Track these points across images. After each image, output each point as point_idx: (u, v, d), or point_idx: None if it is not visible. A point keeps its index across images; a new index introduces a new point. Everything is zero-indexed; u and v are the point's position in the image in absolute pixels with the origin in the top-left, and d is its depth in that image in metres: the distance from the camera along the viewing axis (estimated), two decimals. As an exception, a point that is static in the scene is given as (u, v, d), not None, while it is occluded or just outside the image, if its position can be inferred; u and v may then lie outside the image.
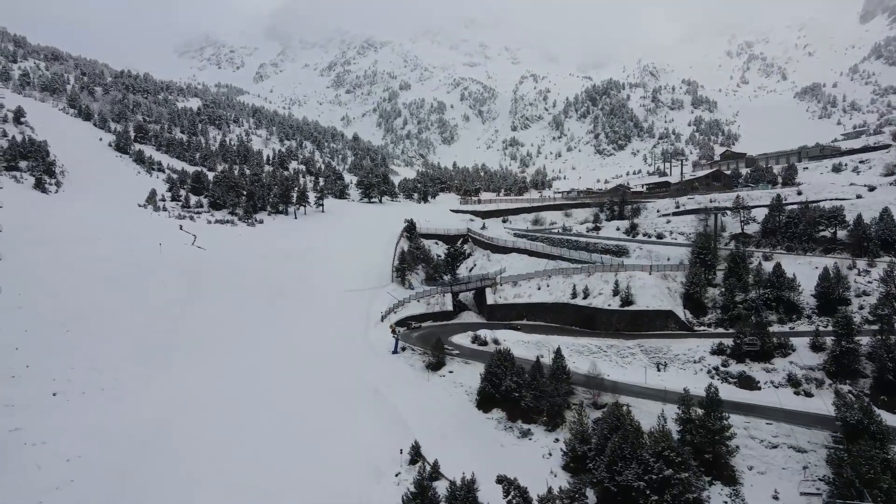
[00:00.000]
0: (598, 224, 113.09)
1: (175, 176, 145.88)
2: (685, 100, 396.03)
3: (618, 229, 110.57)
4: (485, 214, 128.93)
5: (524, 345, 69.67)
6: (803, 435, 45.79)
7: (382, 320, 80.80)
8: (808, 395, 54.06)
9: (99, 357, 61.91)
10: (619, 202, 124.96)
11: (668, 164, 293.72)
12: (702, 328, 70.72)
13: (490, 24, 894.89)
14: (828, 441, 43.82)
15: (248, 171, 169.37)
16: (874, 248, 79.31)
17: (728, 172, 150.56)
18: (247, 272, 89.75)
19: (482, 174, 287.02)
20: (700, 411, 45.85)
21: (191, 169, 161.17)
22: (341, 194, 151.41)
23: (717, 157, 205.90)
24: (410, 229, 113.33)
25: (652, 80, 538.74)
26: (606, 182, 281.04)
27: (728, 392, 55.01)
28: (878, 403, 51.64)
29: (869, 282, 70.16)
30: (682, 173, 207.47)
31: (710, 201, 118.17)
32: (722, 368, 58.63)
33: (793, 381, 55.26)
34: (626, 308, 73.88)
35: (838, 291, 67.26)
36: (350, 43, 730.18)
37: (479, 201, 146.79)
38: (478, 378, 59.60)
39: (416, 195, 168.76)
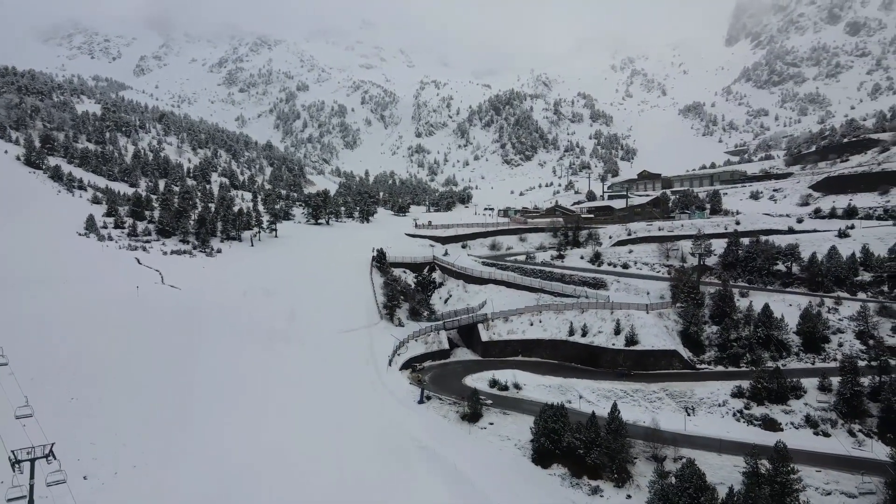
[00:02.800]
0: (562, 252, 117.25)
1: (100, 195, 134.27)
2: (584, 113, 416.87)
3: (582, 258, 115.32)
4: (444, 240, 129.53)
5: (546, 389, 71.58)
6: (849, 481, 51.01)
7: (391, 364, 79.67)
8: (826, 434, 60.14)
9: (118, 427, 56.62)
10: (573, 228, 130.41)
11: (575, 178, 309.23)
12: (703, 366, 76.22)
13: (385, 26, 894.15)
14: (876, 487, 49.16)
15: (175, 188, 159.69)
16: (828, 284, 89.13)
17: (670, 195, 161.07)
18: (232, 313, 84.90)
19: (397, 183, 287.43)
20: (767, 464, 49.69)
21: (113, 186, 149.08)
22: (286, 215, 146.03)
23: (634, 177, 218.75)
24: (381, 259, 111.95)
25: (546, 90, 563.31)
26: (522, 194, 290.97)
27: (756, 435, 60.22)
28: (886, 441, 58.62)
29: (840, 319, 78.84)
30: (589, 186, 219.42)
31: (659, 229, 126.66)
32: (746, 411, 63.67)
33: (811, 423, 61.21)
34: (631, 348, 77.84)
35: (820, 331, 75.09)
36: (242, 39, 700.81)
37: (430, 223, 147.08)
38: (525, 431, 60.71)
39: (356, 214, 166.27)
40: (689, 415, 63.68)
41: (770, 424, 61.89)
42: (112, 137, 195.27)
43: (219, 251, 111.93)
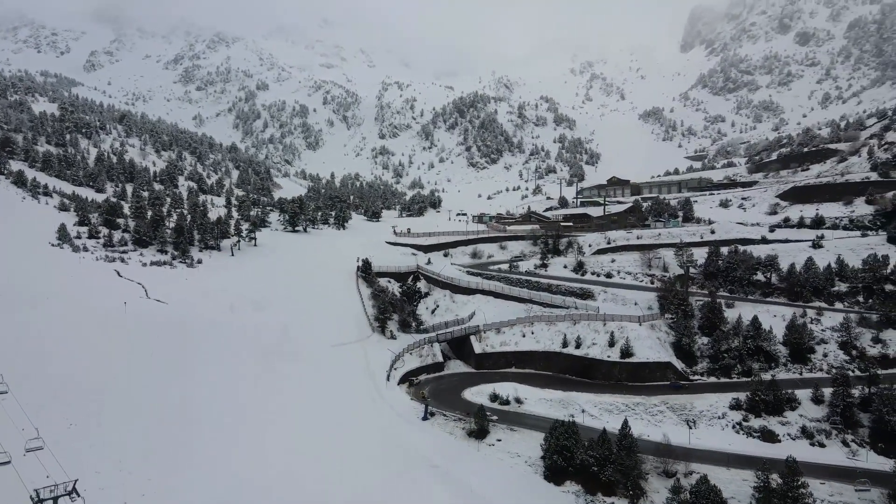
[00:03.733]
0: (545, 261, 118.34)
1: (68, 202, 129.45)
2: (548, 117, 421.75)
3: (565, 267, 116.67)
4: (427, 248, 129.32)
5: (547, 403, 72.36)
6: (852, 493, 53.07)
7: (389, 379, 79.15)
8: (822, 445, 62.53)
9: (121, 454, 54.82)
10: (553, 236, 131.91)
11: (542, 182, 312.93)
12: (696, 377, 78.22)
13: (345, 25, 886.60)
14: (879, 499, 51.32)
15: (144, 193, 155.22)
16: (807, 294, 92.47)
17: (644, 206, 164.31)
18: (223, 328, 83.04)
19: (364, 186, 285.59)
20: (777, 479, 51.30)
21: (79, 191, 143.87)
22: (262, 223, 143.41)
23: (602, 182, 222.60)
24: (366, 269, 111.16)
25: (507, 93, 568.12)
26: (490, 197, 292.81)
27: (756, 447, 62.28)
28: (878, 450, 61.35)
29: (823, 330, 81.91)
30: (560, 192, 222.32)
31: (638, 238, 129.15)
32: (744, 423, 65.63)
33: (807, 434, 63.53)
34: (627, 360, 79.26)
35: (807, 342, 77.93)
36: (198, 36, 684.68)
37: (409, 230, 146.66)
38: (534, 447, 61.28)
39: (331, 220, 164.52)
40: (691, 428, 65.22)
41: (768, 436, 63.96)
42: (73, 139, 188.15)
43: (199, 262, 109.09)
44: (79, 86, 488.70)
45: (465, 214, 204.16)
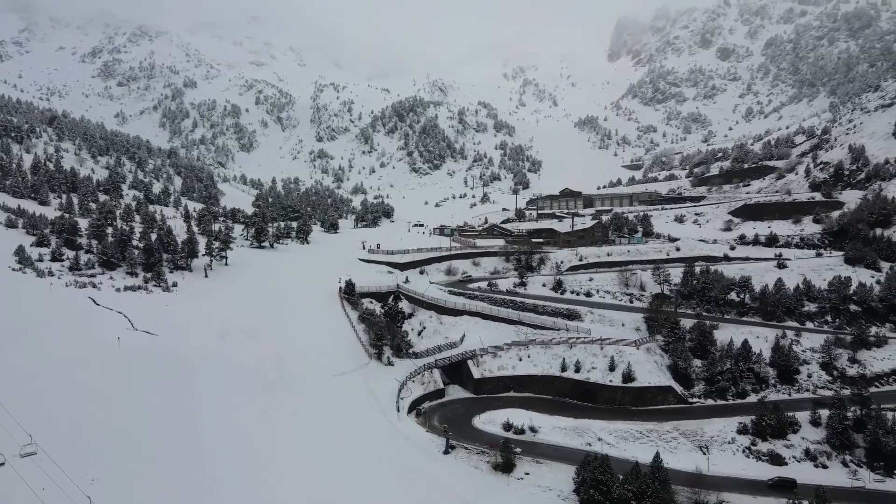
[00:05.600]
0: (524, 280, 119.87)
1: (14, 217, 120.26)
2: (488, 123, 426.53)
3: (544, 285, 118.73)
4: (403, 266, 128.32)
5: (562, 431, 73.71)
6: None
7: (399, 410, 78.30)
8: (825, 466, 67.01)
9: (147, 511, 51.97)
10: (526, 252, 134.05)
11: (489, 189, 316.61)
12: (695, 400, 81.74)
13: (273, 22, 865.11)
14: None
15: (92, 205, 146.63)
16: (780, 314, 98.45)
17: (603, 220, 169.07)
18: (220, 360, 79.46)
19: (311, 193, 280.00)
20: (805, 506, 54.61)
21: (23, 205, 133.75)
22: (227, 239, 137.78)
23: (554, 193, 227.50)
24: (350, 290, 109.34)
25: (442, 96, 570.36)
26: (437, 205, 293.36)
27: (767, 470, 66.01)
28: (874, 469, 66.29)
29: (803, 350, 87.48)
30: (516, 204, 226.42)
31: (608, 255, 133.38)
32: (753, 448, 69.31)
33: (810, 456, 67.90)
34: (629, 385, 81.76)
35: (793, 364, 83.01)
36: (118, 28, 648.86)
37: (379, 246, 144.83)
38: (564, 480, 62.40)
39: (293, 234, 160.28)
40: (705, 454, 68.16)
41: (776, 459, 67.84)
42: (3, 145, 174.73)
43: (174, 285, 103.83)
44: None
45: (422, 225, 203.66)
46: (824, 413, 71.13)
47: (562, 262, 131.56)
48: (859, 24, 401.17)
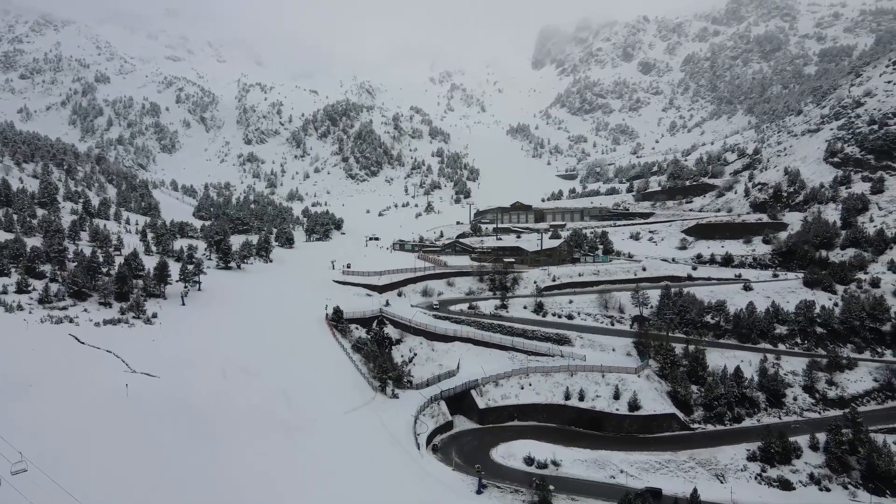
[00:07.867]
0: (504, 302, 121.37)
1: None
2: (423, 129, 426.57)
3: (525, 307, 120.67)
4: (381, 288, 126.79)
5: (584, 464, 75.55)
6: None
7: (419, 447, 77.59)
8: (828, 489, 72.26)
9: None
10: (502, 273, 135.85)
11: (430, 198, 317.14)
12: (696, 426, 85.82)
13: (189, 15, 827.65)
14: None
15: (33, 221, 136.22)
16: (754, 337, 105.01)
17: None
18: (227, 401, 76.01)
19: (244, 200, 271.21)
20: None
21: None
22: (191, 259, 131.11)
23: (504, 205, 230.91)
24: (338, 318, 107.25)
25: (370, 98, 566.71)
26: (381, 214, 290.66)
27: (779, 497, 70.54)
28: (869, 490, 72.21)
29: (785, 374, 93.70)
30: (470, 216, 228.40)
31: (580, 275, 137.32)
32: (764, 474, 73.67)
33: (815, 480, 72.99)
34: (636, 413, 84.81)
35: (780, 389, 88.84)
36: (18, 16, 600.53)
37: (349, 266, 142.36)
38: (605, 520, 64.18)
39: (253, 252, 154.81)
40: (722, 482, 71.92)
41: (785, 485, 72.47)
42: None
43: (154, 315, 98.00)
44: None
45: (378, 239, 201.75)
46: (821, 437, 76.72)
47: (535, 282, 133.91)
48: (770, 46, 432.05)
